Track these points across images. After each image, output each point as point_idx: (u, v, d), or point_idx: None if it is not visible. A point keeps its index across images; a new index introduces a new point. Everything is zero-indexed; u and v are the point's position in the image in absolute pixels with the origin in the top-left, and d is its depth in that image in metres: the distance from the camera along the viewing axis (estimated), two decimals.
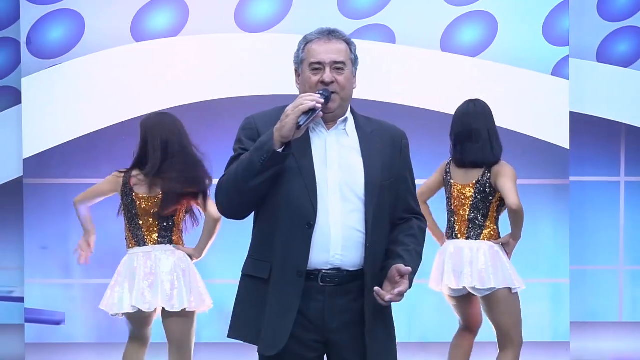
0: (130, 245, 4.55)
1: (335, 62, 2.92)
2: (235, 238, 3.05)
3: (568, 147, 5.66)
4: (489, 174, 4.62)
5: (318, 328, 2.91)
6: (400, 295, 2.84)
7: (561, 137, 5.65)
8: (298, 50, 2.98)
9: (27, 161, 5.63)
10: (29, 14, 5.60)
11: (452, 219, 4.69)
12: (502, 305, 4.63)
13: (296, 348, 2.90)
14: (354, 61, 2.98)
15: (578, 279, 5.82)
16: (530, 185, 5.69)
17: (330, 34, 2.96)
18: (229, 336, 3.03)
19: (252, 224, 3.01)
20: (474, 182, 4.63)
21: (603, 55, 5.89)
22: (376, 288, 2.84)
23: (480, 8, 5.65)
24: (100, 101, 5.49)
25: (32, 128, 5.60)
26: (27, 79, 5.58)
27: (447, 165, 4.73)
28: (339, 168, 2.91)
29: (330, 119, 2.95)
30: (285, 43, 5.19)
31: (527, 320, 5.69)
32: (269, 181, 2.85)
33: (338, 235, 2.88)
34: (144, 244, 4.50)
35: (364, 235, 2.90)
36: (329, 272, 2.89)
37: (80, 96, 5.58)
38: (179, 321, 4.48)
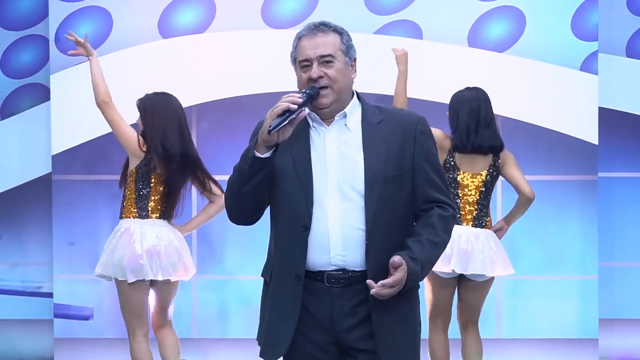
0: (131, 217, 4.62)
1: (322, 56, 2.81)
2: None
3: (597, 143, 5.61)
4: (499, 161, 4.67)
5: (327, 329, 2.84)
6: (389, 287, 2.73)
7: (590, 133, 5.61)
8: (292, 48, 2.89)
9: (55, 157, 5.67)
10: (58, 11, 5.63)
11: (457, 204, 4.65)
12: (485, 289, 4.72)
13: (308, 349, 2.86)
14: (346, 51, 2.86)
15: (607, 275, 5.78)
16: (558, 181, 5.66)
17: (316, 27, 2.85)
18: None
19: None
20: (486, 169, 4.65)
21: (633, 50, 5.84)
22: (368, 280, 2.74)
23: (508, 3, 5.62)
24: (128, 97, 5.49)
25: (61, 124, 5.63)
26: (55, 75, 5.61)
27: (449, 152, 4.69)
28: (337, 166, 2.82)
29: (328, 114, 2.85)
30: None
31: (556, 317, 5.69)
32: (261, 186, 2.79)
33: (337, 236, 2.79)
34: (147, 217, 4.62)
35: (364, 232, 2.79)
36: (333, 272, 2.81)
37: None
38: (171, 288, 4.70)
